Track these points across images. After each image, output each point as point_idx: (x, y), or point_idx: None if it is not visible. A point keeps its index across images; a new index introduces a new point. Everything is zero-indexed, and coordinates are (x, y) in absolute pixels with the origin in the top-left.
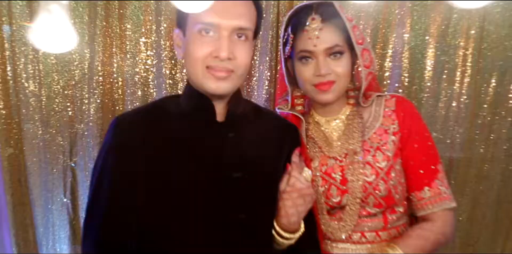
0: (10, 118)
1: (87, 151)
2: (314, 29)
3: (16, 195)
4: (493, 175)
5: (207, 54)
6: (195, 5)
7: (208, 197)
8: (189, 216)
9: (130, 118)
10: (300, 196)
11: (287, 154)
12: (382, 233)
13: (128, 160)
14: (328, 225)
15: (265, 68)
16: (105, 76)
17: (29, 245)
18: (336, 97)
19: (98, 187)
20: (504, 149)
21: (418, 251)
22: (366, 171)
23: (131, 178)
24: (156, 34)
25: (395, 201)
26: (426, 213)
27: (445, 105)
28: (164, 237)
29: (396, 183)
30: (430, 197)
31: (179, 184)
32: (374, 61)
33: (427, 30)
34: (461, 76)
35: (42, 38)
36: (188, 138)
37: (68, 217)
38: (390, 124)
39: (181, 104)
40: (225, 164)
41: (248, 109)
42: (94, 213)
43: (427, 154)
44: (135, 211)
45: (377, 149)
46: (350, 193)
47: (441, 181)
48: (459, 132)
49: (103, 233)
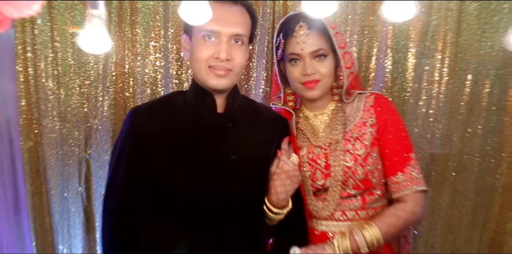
0: (30, 114)
1: (100, 144)
2: (301, 35)
3: (34, 184)
4: (470, 167)
5: (209, 56)
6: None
7: (209, 175)
8: (193, 191)
9: (145, 109)
10: (288, 177)
11: (278, 142)
12: (360, 212)
13: (143, 144)
14: (314, 205)
15: (261, 69)
16: (117, 76)
17: (46, 231)
18: (321, 94)
19: (117, 167)
20: (479, 143)
21: (391, 227)
22: (346, 157)
23: (144, 159)
24: (164, 39)
25: (372, 184)
26: (400, 195)
27: (425, 104)
28: (172, 208)
29: (373, 168)
30: (403, 181)
31: (185, 165)
32: (355, 63)
33: (408, 35)
34: (439, 77)
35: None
36: (193, 126)
37: (82, 205)
38: (369, 117)
39: (187, 98)
40: (223, 148)
41: (244, 103)
42: (113, 189)
43: (400, 144)
44: (148, 187)
45: (356, 138)
46: (333, 177)
47: (413, 167)
48: (438, 127)
49: (120, 206)
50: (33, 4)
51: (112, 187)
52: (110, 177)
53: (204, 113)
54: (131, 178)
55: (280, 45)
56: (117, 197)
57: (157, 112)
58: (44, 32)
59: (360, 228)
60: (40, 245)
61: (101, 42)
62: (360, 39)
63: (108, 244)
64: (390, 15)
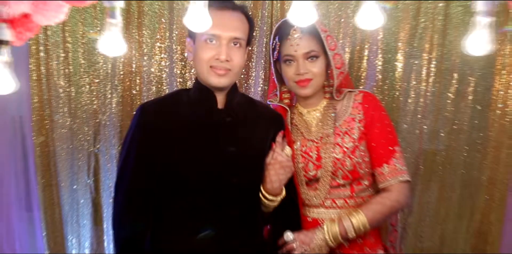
0: (42, 110)
1: (108, 138)
2: (295, 38)
3: (45, 177)
4: (456, 161)
5: (211, 57)
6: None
7: (210, 165)
8: (195, 178)
9: (153, 105)
10: (281, 167)
11: (273, 136)
12: (349, 200)
13: (150, 137)
14: (306, 193)
15: (260, 69)
16: (125, 75)
17: (55, 222)
18: (313, 91)
19: (127, 156)
20: (465, 138)
21: (377, 214)
22: (336, 150)
23: (152, 150)
24: (169, 40)
25: (360, 175)
26: (385, 185)
27: (414, 101)
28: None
29: (360, 160)
30: (388, 172)
31: (188, 155)
32: (345, 63)
33: (397, 37)
34: (427, 76)
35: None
36: (196, 120)
37: (90, 196)
38: (357, 114)
39: (191, 95)
40: (223, 141)
41: (243, 100)
42: (123, 176)
43: (386, 138)
44: (154, 175)
45: (345, 133)
46: (323, 168)
47: (398, 159)
48: (426, 124)
49: (130, 191)
50: (59, 14)
51: (122, 175)
52: (120, 166)
53: (205, 109)
54: (140, 167)
55: (276, 47)
56: (127, 184)
57: (163, 108)
58: (56, 33)
59: (348, 215)
60: (50, 235)
61: (118, 46)
62: (352, 41)
63: (118, 225)
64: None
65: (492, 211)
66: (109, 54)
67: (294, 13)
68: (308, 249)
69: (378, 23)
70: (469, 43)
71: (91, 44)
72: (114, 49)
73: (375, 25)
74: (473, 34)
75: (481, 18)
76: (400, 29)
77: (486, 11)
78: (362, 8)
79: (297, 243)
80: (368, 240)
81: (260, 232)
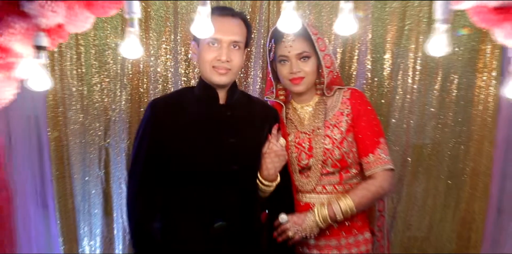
0: (56, 108)
1: (118, 133)
2: (288, 40)
3: (59, 169)
4: (442, 154)
5: (213, 58)
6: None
7: (213, 154)
8: (199, 166)
9: (162, 101)
10: (276, 156)
11: (269, 128)
12: (338, 187)
13: (160, 129)
14: (299, 181)
15: (258, 68)
16: (133, 74)
17: (68, 211)
18: (305, 88)
19: (139, 146)
20: (450, 132)
21: (362, 199)
22: (325, 141)
23: (161, 141)
24: (174, 42)
25: (348, 164)
26: (371, 173)
27: (401, 98)
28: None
29: (348, 150)
30: (373, 160)
31: (193, 145)
32: (335, 63)
33: (385, 38)
34: (413, 74)
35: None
36: (200, 114)
37: (101, 187)
38: (345, 108)
39: (195, 92)
40: (224, 132)
41: (242, 96)
42: (136, 164)
43: (372, 130)
44: (164, 163)
45: (334, 125)
46: (314, 157)
47: (382, 149)
48: (413, 119)
49: (142, 177)
50: (87, 23)
51: (136, 163)
52: (134, 155)
53: (208, 104)
54: (151, 155)
55: (272, 48)
56: (140, 171)
57: (171, 103)
58: (70, 36)
59: (337, 199)
60: (63, 223)
61: (136, 50)
62: (343, 42)
63: (131, 208)
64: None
65: (476, 200)
66: (129, 57)
67: (282, 22)
68: (300, 229)
69: (352, 30)
70: (430, 46)
71: (102, 46)
72: (133, 53)
73: (350, 31)
74: (433, 38)
75: (439, 25)
76: (388, 31)
77: (443, 19)
78: (339, 17)
79: (291, 224)
80: (356, 223)
81: (257, 215)
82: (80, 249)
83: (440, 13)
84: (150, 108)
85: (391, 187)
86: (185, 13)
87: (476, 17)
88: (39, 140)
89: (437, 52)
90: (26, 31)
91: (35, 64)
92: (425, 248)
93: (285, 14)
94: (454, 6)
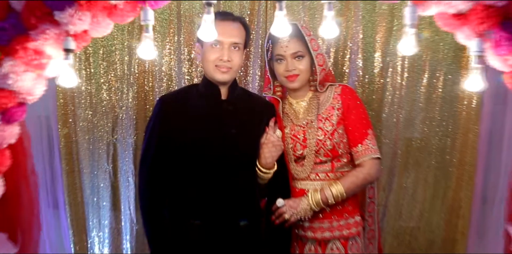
0: (66, 106)
1: (125, 129)
2: (284, 41)
3: (69, 164)
4: (429, 146)
5: (215, 58)
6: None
7: (216, 143)
8: (205, 154)
9: (170, 97)
10: (273, 146)
11: (266, 121)
12: (330, 174)
13: (168, 122)
14: (295, 169)
15: (256, 67)
16: (139, 73)
17: (78, 204)
18: (300, 85)
19: (150, 139)
20: (437, 125)
21: (351, 185)
22: (318, 133)
23: (170, 133)
24: (177, 43)
25: (339, 153)
26: (360, 161)
27: (391, 94)
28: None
29: (339, 141)
30: (362, 150)
31: (199, 136)
32: (327, 62)
33: (375, 38)
34: (402, 72)
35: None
36: (204, 109)
37: (109, 181)
38: (336, 103)
39: (200, 89)
40: (226, 125)
41: (242, 92)
42: (147, 155)
43: (360, 123)
44: (172, 152)
45: (326, 119)
46: (308, 147)
47: (370, 140)
48: (402, 113)
49: (152, 166)
50: (107, 29)
51: (146, 154)
52: (145, 146)
53: (212, 100)
54: (161, 146)
55: (269, 48)
56: (150, 161)
57: (178, 99)
58: None
59: (328, 185)
60: (73, 215)
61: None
62: (336, 42)
63: (143, 194)
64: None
65: (462, 189)
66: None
67: (275, 28)
68: (296, 212)
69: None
70: (401, 47)
71: (109, 47)
72: (148, 54)
73: (333, 35)
74: (403, 40)
75: (408, 29)
76: (378, 31)
77: (411, 24)
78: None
79: (287, 208)
80: (347, 207)
81: (256, 199)
82: (89, 240)
83: (408, 19)
84: (159, 104)
85: (378, 174)
86: (188, 15)
87: (440, 22)
88: (49, 137)
89: (406, 52)
90: (57, 36)
91: (64, 64)
92: (416, 235)
93: (277, 21)
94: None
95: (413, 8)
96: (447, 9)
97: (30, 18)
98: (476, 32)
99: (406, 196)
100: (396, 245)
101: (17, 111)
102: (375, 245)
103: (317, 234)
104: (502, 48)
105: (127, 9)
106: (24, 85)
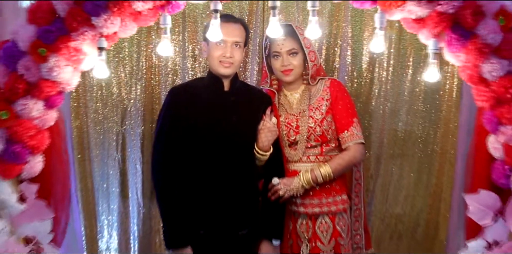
0: (78, 99)
1: (133, 120)
2: (280, 39)
3: (81, 153)
4: (413, 135)
5: (219, 55)
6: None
7: (220, 129)
8: (210, 138)
9: (179, 89)
10: (269, 131)
11: (263, 110)
12: (319, 157)
13: (178, 111)
14: (289, 153)
15: (254, 63)
16: (147, 69)
17: (88, 190)
18: (294, 79)
19: (162, 125)
20: (421, 117)
21: (338, 166)
22: (309, 120)
23: (180, 121)
24: (182, 41)
25: (327, 139)
26: (346, 146)
27: (378, 87)
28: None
29: (327, 128)
30: (347, 136)
31: (205, 123)
32: (318, 58)
33: (363, 35)
34: (387, 67)
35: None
36: (209, 99)
37: (118, 168)
38: (326, 94)
39: (205, 82)
40: (228, 113)
41: (242, 85)
42: (160, 141)
43: (346, 112)
44: (182, 137)
45: (316, 108)
46: (300, 134)
47: (355, 127)
48: (388, 105)
49: (165, 151)
50: (132, 31)
51: (159, 139)
52: (157, 133)
53: (216, 91)
54: (171, 132)
55: (267, 46)
56: (162, 145)
57: (186, 90)
58: None
59: (318, 167)
60: (84, 201)
61: (168, 50)
62: (327, 39)
63: (156, 176)
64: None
65: (444, 174)
66: (163, 54)
67: (269, 30)
68: (289, 189)
69: (318, 35)
70: (372, 46)
71: (119, 44)
72: (166, 52)
73: (317, 36)
74: (374, 40)
75: (378, 31)
76: (365, 30)
77: (380, 27)
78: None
79: (281, 186)
80: (335, 187)
81: (254, 179)
82: (99, 223)
83: (378, 23)
84: (170, 94)
85: (362, 157)
86: (192, 16)
87: (405, 25)
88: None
89: (376, 50)
90: (93, 37)
91: (98, 59)
92: (401, 218)
93: (271, 25)
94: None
95: (382, 14)
96: (409, 15)
97: (72, 23)
98: (432, 33)
99: (392, 182)
100: (383, 228)
101: (57, 99)
102: (361, 222)
103: (308, 210)
104: (453, 47)
105: (150, 15)
106: (64, 77)
